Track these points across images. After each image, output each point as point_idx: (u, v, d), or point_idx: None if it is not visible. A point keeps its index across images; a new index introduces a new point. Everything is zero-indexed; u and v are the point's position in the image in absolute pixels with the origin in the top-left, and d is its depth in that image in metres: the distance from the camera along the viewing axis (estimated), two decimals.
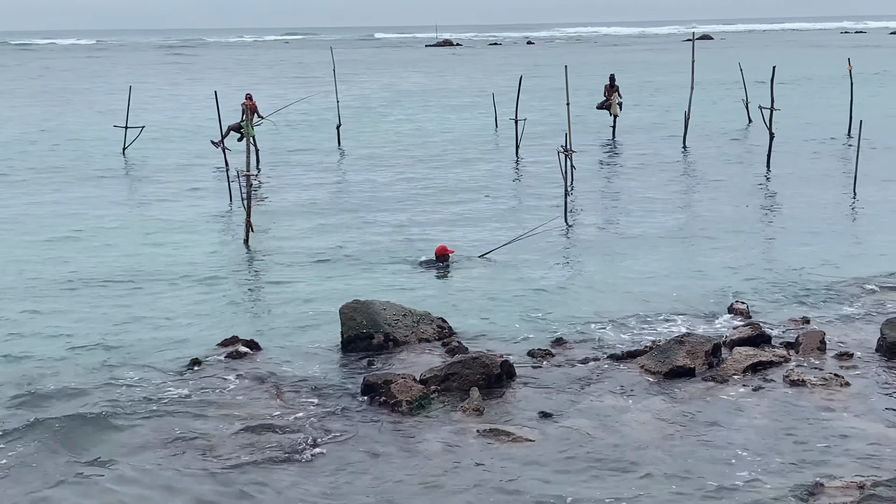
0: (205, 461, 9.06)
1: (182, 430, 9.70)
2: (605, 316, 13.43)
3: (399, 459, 9.09)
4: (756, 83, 36.67)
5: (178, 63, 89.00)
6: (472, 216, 20.45)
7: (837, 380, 10.67)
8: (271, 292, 14.97)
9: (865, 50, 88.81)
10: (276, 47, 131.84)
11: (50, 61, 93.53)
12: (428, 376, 10.73)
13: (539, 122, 34.31)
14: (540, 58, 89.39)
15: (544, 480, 8.63)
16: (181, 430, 9.72)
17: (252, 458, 9.11)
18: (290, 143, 32.13)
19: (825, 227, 18.86)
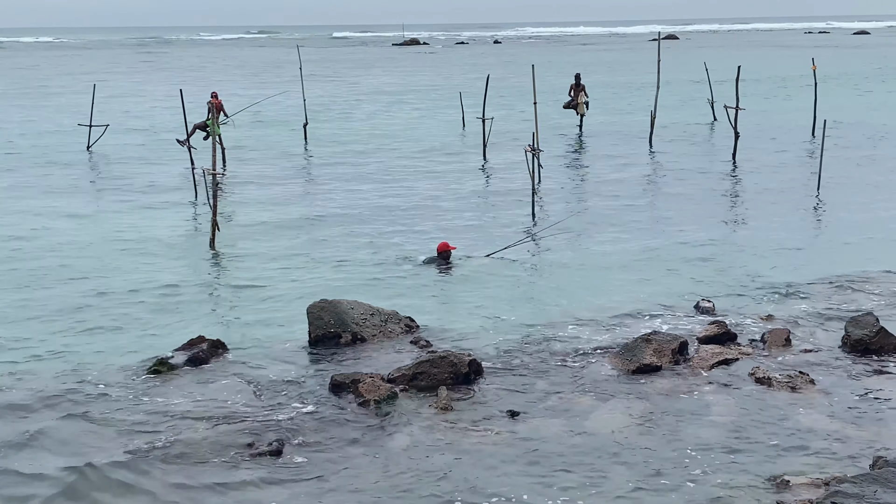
0: (170, 463, 8.98)
1: (147, 433, 9.61)
2: (573, 315, 13.46)
3: (367, 459, 9.06)
4: (721, 83, 36.91)
5: (142, 61, 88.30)
6: (439, 216, 20.44)
7: (803, 377, 10.76)
8: (238, 292, 14.89)
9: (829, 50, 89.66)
10: (240, 46, 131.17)
11: (10, 59, 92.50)
12: (396, 375, 10.72)
13: (506, 121, 34.35)
14: (507, 57, 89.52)
15: (512, 477, 8.63)
16: (146, 432, 9.63)
17: (218, 458, 9.05)
18: (257, 142, 31.97)
19: (790, 225, 19.01)
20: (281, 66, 73.42)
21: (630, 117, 37.55)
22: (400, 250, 17.24)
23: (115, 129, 32.33)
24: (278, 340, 12.45)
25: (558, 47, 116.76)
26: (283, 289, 14.90)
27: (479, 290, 14.76)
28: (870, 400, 10.31)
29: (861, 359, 11.47)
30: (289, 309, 13.66)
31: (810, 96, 31.86)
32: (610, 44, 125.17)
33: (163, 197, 22.65)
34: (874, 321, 11.78)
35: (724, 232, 18.74)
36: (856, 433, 9.44)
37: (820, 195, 21.87)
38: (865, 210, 20.34)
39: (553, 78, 49.58)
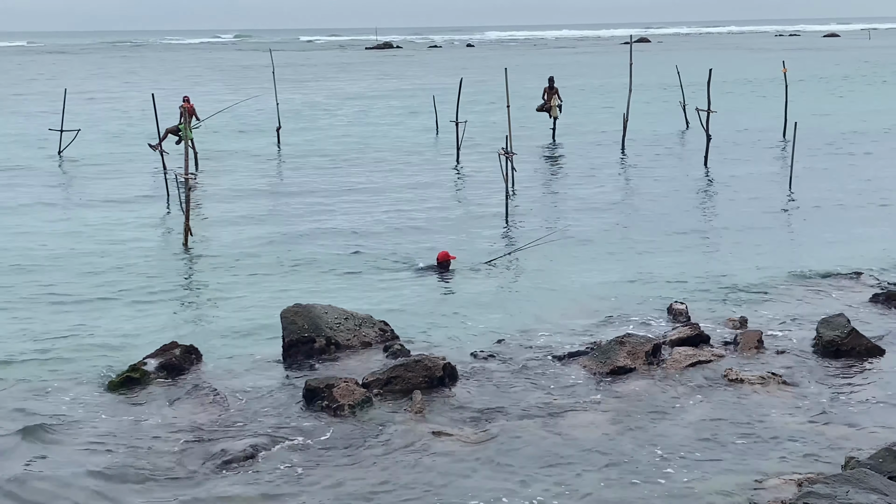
0: (143, 471, 8.92)
1: (120, 440, 9.55)
2: (547, 318, 13.48)
3: (342, 463, 9.04)
4: (693, 86, 37.09)
5: (114, 66, 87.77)
6: (412, 220, 20.43)
7: (775, 378, 10.82)
8: (211, 296, 14.82)
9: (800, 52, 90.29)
10: (211, 50, 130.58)
11: None
12: (370, 379, 10.70)
13: (480, 124, 34.37)
14: (480, 60, 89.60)
15: (486, 481, 8.64)
16: (119, 439, 9.57)
17: (192, 466, 9.00)
18: (230, 146, 31.85)
19: (762, 227, 19.13)
20: (253, 70, 73.14)
21: (603, 120, 37.67)
22: (373, 255, 17.22)
23: (87, 134, 32.11)
24: (252, 345, 12.40)
25: (531, 50, 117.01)
26: (257, 293, 14.84)
27: (453, 296, 14.76)
28: (841, 400, 10.39)
29: (833, 359, 11.55)
30: (262, 314, 13.60)
31: (781, 99, 32.07)
32: (583, 47, 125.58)
33: (135, 201, 22.51)
34: (845, 322, 11.87)
35: (697, 234, 18.82)
36: (828, 433, 9.51)
37: (791, 197, 22.01)
38: (836, 212, 20.51)
39: (526, 81, 49.67)
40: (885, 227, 19.01)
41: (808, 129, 30.81)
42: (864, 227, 19.05)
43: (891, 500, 7.17)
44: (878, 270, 15.48)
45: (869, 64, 72.19)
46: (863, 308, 13.64)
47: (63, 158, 29.26)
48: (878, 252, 16.73)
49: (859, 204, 21.30)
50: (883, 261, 16.09)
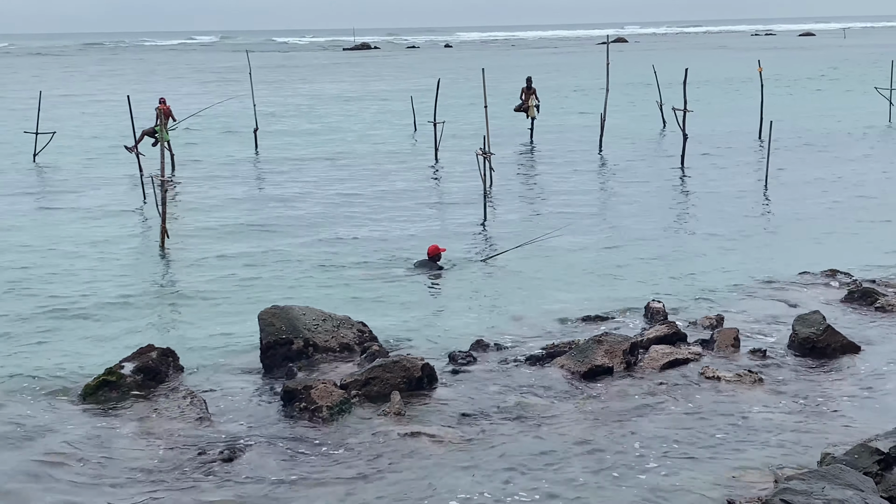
0: (118, 475, 8.88)
1: (95, 444, 9.50)
2: (525, 318, 13.51)
3: (320, 466, 9.02)
4: (670, 85, 37.25)
5: (89, 67, 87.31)
6: (390, 220, 20.42)
7: (751, 375, 10.88)
8: (188, 299, 14.76)
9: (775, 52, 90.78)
10: (187, 51, 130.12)
11: None
12: (349, 381, 10.68)
13: (457, 124, 34.40)
14: (458, 61, 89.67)
15: (465, 481, 8.64)
16: (94, 443, 9.52)
17: (169, 469, 8.96)
18: (207, 148, 31.74)
19: (738, 226, 19.23)
20: (230, 71, 72.93)
21: (580, 120, 37.76)
22: (351, 256, 17.21)
23: (62, 137, 31.92)
24: (229, 348, 12.36)
25: (509, 51, 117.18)
26: (234, 295, 14.80)
27: (431, 296, 14.77)
28: (817, 397, 10.46)
29: (808, 356, 11.62)
30: (240, 315, 13.56)
31: (757, 98, 32.25)
32: (560, 47, 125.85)
33: (111, 204, 22.40)
34: (821, 319, 11.94)
35: (674, 233, 18.91)
36: (804, 430, 9.57)
37: (767, 196, 22.14)
38: (812, 209, 20.65)
39: (504, 81, 49.74)
40: (860, 225, 19.15)
41: (784, 128, 31.02)
42: (840, 225, 19.19)
43: (866, 496, 7.22)
44: (853, 268, 15.58)
45: (846, 62, 72.65)
46: (838, 305, 13.74)
47: (38, 161, 29.06)
48: (853, 250, 16.86)
49: (834, 202, 21.45)
50: (858, 259, 16.20)
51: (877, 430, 9.01)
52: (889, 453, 8.08)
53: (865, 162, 27.09)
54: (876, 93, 37.36)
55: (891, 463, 8.01)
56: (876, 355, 11.66)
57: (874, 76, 48.49)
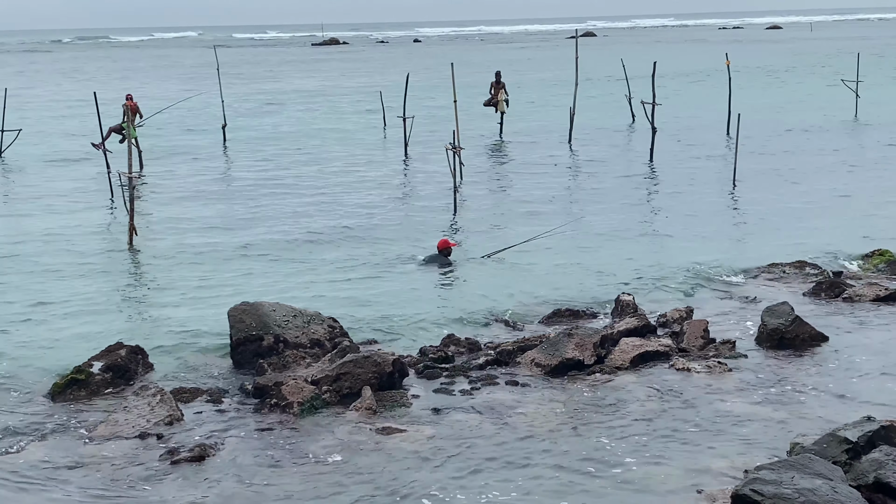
0: (88, 475, 8.80)
1: (63, 443, 9.42)
2: (496, 312, 13.52)
3: (292, 463, 8.99)
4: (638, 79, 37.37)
5: (55, 64, 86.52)
6: (360, 215, 20.37)
7: (721, 367, 10.95)
8: (157, 296, 14.67)
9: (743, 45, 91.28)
10: (152, 47, 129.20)
11: None
12: (319, 377, 10.64)
13: (427, 119, 34.37)
14: (427, 55, 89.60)
15: (437, 476, 8.64)
16: (62, 442, 9.44)
17: (139, 469, 8.89)
18: (175, 144, 31.53)
19: (707, 219, 19.33)
20: (197, 67, 72.50)
21: (550, 114, 37.82)
22: (320, 251, 17.17)
23: (29, 134, 31.61)
24: (199, 345, 12.28)
25: (478, 45, 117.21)
26: (204, 292, 14.71)
27: (403, 291, 14.74)
28: (786, 387, 10.53)
29: (777, 347, 11.70)
30: (210, 312, 13.48)
31: (725, 91, 32.42)
32: (528, 41, 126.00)
33: (79, 202, 22.21)
34: (789, 310, 12.03)
35: (643, 226, 18.98)
36: (773, 420, 9.64)
37: (735, 188, 22.27)
38: (779, 202, 20.79)
39: (473, 76, 49.74)
40: (826, 216, 19.31)
41: (752, 120, 31.17)
42: (806, 217, 19.34)
43: (835, 485, 7.28)
44: (821, 259, 15.71)
45: (813, 55, 73.18)
46: (806, 296, 13.85)
47: (4, 159, 28.76)
48: (820, 241, 16.99)
49: (802, 194, 21.61)
50: (825, 250, 16.33)
51: (845, 419, 9.08)
52: (857, 442, 8.15)
53: (833, 154, 27.31)
54: (843, 85, 37.66)
55: (859, 452, 8.08)
56: (843, 345, 11.77)
57: (840, 69, 48.91)
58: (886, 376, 10.77)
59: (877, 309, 13.16)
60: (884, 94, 41.11)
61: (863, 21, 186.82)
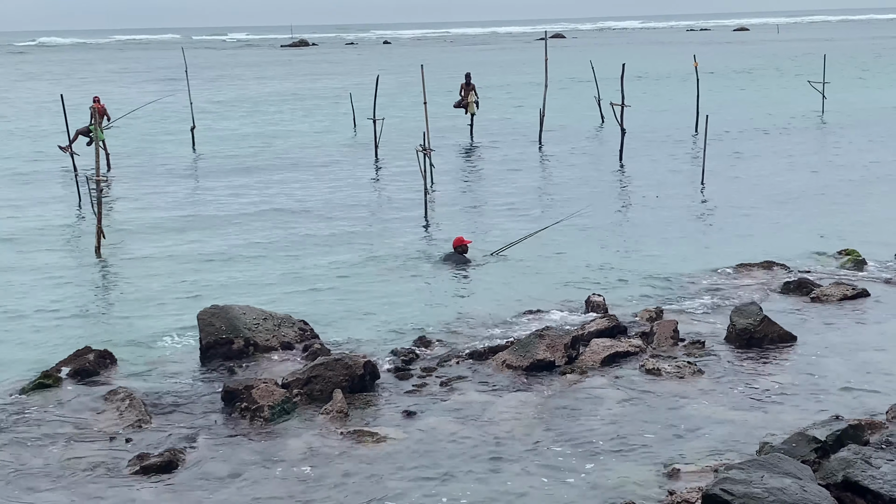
0: (57, 481, 8.72)
1: (32, 449, 9.32)
2: (467, 314, 13.52)
3: (262, 467, 8.94)
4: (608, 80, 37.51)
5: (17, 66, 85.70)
6: (330, 217, 20.31)
7: (690, 367, 11.00)
8: (126, 300, 14.55)
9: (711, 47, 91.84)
10: (121, 49, 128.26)
11: None
12: (290, 380, 10.60)
13: (397, 121, 34.33)
14: (396, 57, 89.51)
15: (410, 480, 8.62)
16: (31, 449, 9.34)
17: (107, 473, 8.82)
18: (143, 147, 31.30)
19: (676, 219, 19.43)
20: (165, 69, 72.06)
21: (520, 116, 37.89)
22: (290, 253, 17.11)
23: None
24: (169, 348, 12.21)
25: (447, 47, 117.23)
26: (173, 295, 14.62)
27: (373, 294, 14.71)
28: (755, 387, 10.60)
29: (746, 347, 11.77)
30: (179, 316, 13.41)
31: (693, 92, 32.61)
32: (498, 43, 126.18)
33: (45, 205, 22.00)
34: (758, 310, 12.11)
35: (612, 226, 19.05)
36: (742, 420, 9.69)
37: (704, 188, 22.40)
38: (748, 202, 20.92)
39: (443, 78, 49.75)
40: (794, 217, 19.46)
41: (720, 121, 31.42)
42: (774, 217, 19.47)
43: (804, 483, 7.33)
44: (789, 259, 15.82)
45: (779, 57, 73.75)
46: (775, 296, 13.95)
47: None
48: (788, 242, 17.12)
49: (770, 195, 21.76)
50: (793, 250, 16.45)
51: (814, 418, 9.16)
52: (826, 441, 8.22)
53: (800, 154, 27.52)
54: (809, 86, 37.97)
55: (828, 451, 8.15)
56: (812, 345, 11.86)
57: (806, 70, 49.32)
58: (854, 375, 10.86)
59: (844, 308, 13.28)
60: (849, 95, 41.50)
61: (827, 23, 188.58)
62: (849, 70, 55.39)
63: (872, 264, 15.48)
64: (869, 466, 7.67)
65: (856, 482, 7.56)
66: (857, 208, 20.00)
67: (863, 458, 7.77)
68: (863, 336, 12.18)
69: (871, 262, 15.55)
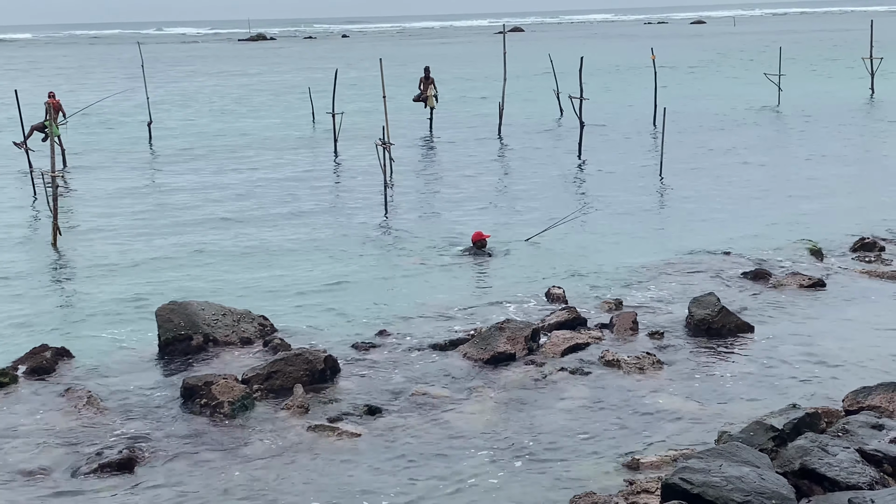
0: (14, 480, 8.62)
1: None
2: (428, 306, 13.51)
3: (223, 464, 8.89)
4: (566, 74, 37.63)
5: None
6: (290, 212, 20.21)
7: (650, 358, 11.08)
8: (83, 297, 14.40)
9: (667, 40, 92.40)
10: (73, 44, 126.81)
11: None
12: (250, 375, 10.55)
13: (356, 115, 34.22)
14: (355, 51, 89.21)
15: (371, 475, 8.62)
16: None
17: (64, 472, 8.73)
18: (99, 142, 30.97)
19: (634, 211, 19.53)
20: (121, 64, 71.35)
21: (479, 109, 37.91)
22: (249, 247, 17.01)
23: None
24: (127, 345, 12.10)
25: (405, 41, 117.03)
26: (131, 291, 14.47)
27: (333, 287, 14.66)
28: (713, 377, 10.70)
29: (704, 337, 11.88)
30: (137, 312, 13.30)
31: (651, 85, 32.79)
32: (456, 36, 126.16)
33: (0, 201, 21.70)
34: (715, 301, 12.22)
35: (572, 219, 19.09)
36: (701, 410, 9.78)
37: (663, 180, 22.55)
38: (706, 194, 21.08)
39: (401, 71, 49.65)
40: (751, 208, 19.62)
41: (678, 114, 31.61)
42: (732, 208, 19.63)
43: (762, 472, 7.41)
44: (746, 249, 15.97)
45: (735, 50, 74.31)
46: (732, 286, 14.07)
47: None
48: (745, 232, 17.27)
49: (727, 186, 21.94)
50: (750, 240, 16.61)
51: (771, 407, 9.26)
52: (783, 430, 8.31)
53: (757, 146, 27.75)
54: (765, 78, 38.30)
55: (785, 439, 8.24)
56: (768, 334, 11.99)
57: (763, 62, 49.76)
58: (810, 364, 11.00)
59: (801, 298, 13.43)
60: (805, 87, 41.92)
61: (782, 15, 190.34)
62: (805, 63, 55.93)
63: (829, 254, 15.66)
64: (825, 454, 7.77)
65: (812, 469, 7.66)
66: (814, 199, 20.23)
67: (819, 446, 7.86)
68: (819, 325, 12.33)
69: (827, 252, 15.73)
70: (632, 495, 7.95)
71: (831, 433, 8.34)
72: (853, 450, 7.88)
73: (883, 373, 10.52)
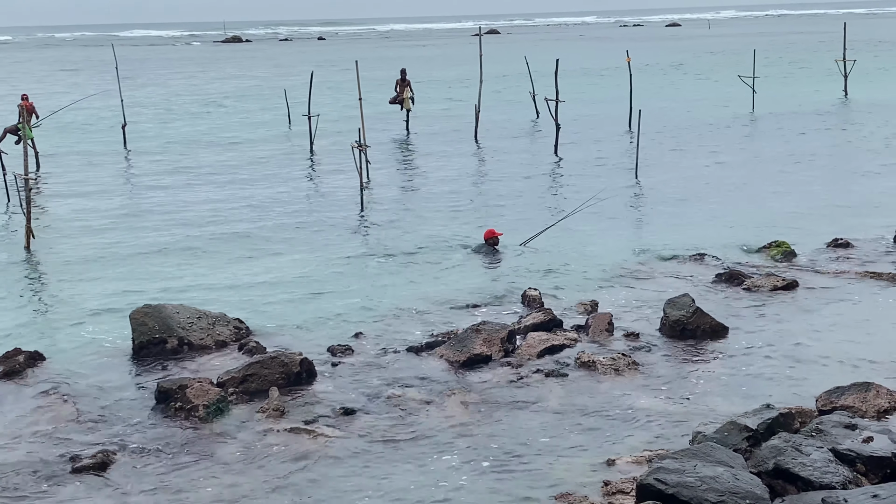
0: None
1: None
2: (404, 309, 13.50)
3: (198, 468, 8.85)
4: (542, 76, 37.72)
5: None
6: (264, 215, 20.16)
7: (625, 359, 11.11)
8: (57, 300, 14.31)
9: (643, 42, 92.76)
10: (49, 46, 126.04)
11: None
12: (225, 378, 10.51)
13: (332, 117, 34.17)
14: (331, 53, 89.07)
15: (348, 477, 8.61)
16: None
17: (37, 477, 8.66)
18: (73, 145, 30.78)
19: (609, 213, 19.57)
20: (95, 66, 70.97)
21: (455, 111, 37.94)
22: (224, 250, 16.95)
23: None
24: (101, 349, 12.02)
25: (381, 43, 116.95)
26: (105, 295, 14.39)
27: (308, 290, 14.62)
28: (688, 378, 10.75)
29: (679, 339, 11.93)
30: (112, 316, 13.21)
31: (626, 87, 32.91)
32: (432, 39, 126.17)
33: None
34: (690, 302, 12.27)
35: (547, 221, 19.12)
36: (676, 410, 9.83)
37: (638, 182, 22.63)
38: (680, 195, 21.17)
39: (377, 73, 49.62)
40: (725, 209, 19.72)
41: (653, 116, 31.75)
42: (708, 209, 19.72)
43: (736, 472, 7.45)
44: (721, 251, 16.04)
45: (709, 53, 74.70)
46: (707, 287, 14.13)
47: None
48: (720, 234, 17.35)
49: (703, 188, 22.05)
50: (724, 242, 16.67)
51: (745, 407, 9.32)
52: (757, 430, 8.36)
53: (731, 147, 27.90)
54: (739, 81, 38.52)
55: (759, 439, 8.29)
56: (743, 335, 12.05)
57: (737, 65, 50.00)
58: (784, 364, 11.07)
59: (775, 299, 13.50)
60: (778, 89, 42.18)
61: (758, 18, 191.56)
62: (779, 65, 56.28)
63: (802, 255, 15.75)
64: (799, 454, 7.82)
65: (786, 469, 7.71)
66: (787, 200, 20.34)
67: (793, 446, 7.92)
68: (793, 326, 12.40)
69: (800, 252, 15.82)
70: (608, 496, 7.98)
71: (805, 433, 8.40)
72: (827, 449, 7.94)
73: (856, 373, 10.60)
